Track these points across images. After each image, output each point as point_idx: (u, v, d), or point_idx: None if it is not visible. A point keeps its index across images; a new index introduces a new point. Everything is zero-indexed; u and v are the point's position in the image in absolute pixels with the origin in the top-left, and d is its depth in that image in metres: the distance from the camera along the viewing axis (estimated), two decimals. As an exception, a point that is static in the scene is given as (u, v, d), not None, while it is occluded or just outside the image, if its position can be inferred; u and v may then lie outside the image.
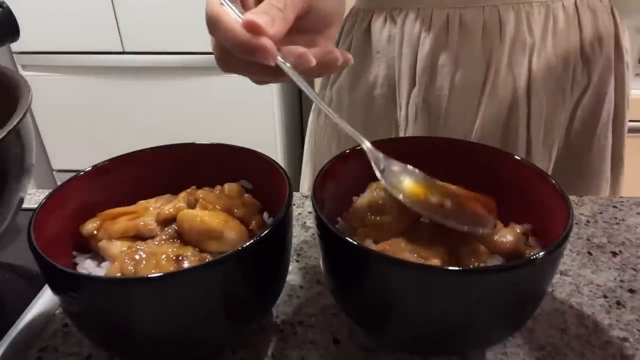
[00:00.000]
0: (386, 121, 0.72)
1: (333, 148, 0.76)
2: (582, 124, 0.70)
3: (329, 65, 0.38)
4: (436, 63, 0.65)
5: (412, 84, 0.67)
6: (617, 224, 0.58)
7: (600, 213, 0.59)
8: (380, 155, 0.40)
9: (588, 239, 0.55)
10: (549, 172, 0.71)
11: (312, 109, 0.81)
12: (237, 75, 0.39)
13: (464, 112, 0.67)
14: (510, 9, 0.63)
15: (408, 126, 0.69)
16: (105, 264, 0.40)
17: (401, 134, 0.70)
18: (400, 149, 0.48)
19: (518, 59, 0.64)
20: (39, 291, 0.47)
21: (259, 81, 0.41)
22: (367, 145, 0.40)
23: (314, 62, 0.36)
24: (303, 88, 0.37)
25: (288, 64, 0.36)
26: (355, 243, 0.34)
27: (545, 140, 0.69)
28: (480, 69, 0.65)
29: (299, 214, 0.60)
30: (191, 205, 0.42)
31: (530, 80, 0.65)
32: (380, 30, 0.68)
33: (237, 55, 0.35)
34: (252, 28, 0.33)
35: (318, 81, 0.84)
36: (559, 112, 0.68)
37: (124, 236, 0.41)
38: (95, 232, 0.41)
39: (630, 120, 0.74)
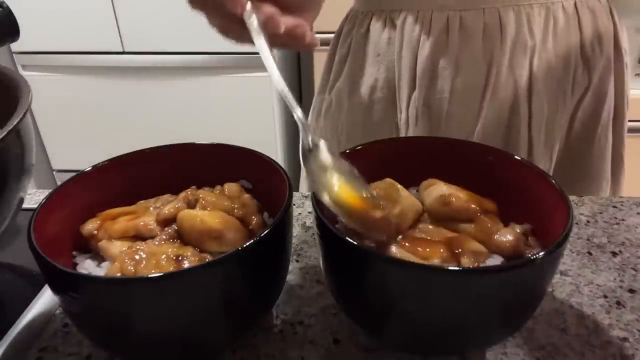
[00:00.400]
0: (386, 124, 0.71)
1: (333, 148, 0.76)
2: (583, 124, 0.70)
3: (296, 39, 0.38)
4: (436, 66, 0.65)
5: (413, 87, 0.67)
6: (617, 224, 0.58)
7: (600, 213, 0.59)
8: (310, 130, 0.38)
9: (588, 239, 0.55)
10: (550, 173, 0.71)
11: (311, 109, 0.81)
12: (237, 74, 0.39)
13: (465, 115, 0.67)
14: (510, 11, 0.63)
15: (409, 129, 0.69)
16: (105, 264, 0.40)
17: (402, 137, 0.70)
18: (400, 149, 0.49)
19: (519, 61, 0.64)
20: (39, 291, 0.47)
21: (224, 29, 0.41)
22: (298, 114, 0.39)
23: (282, 28, 0.36)
24: (258, 47, 0.36)
25: (255, 22, 0.35)
26: (355, 243, 0.34)
27: (547, 141, 0.69)
28: (481, 72, 0.64)
29: (299, 214, 0.60)
30: (191, 205, 0.42)
31: (532, 82, 0.65)
32: (380, 32, 0.68)
33: None
34: None
35: (316, 84, 0.83)
36: (560, 112, 0.68)
37: (124, 236, 0.41)
38: (95, 232, 0.41)
39: (630, 120, 0.74)
